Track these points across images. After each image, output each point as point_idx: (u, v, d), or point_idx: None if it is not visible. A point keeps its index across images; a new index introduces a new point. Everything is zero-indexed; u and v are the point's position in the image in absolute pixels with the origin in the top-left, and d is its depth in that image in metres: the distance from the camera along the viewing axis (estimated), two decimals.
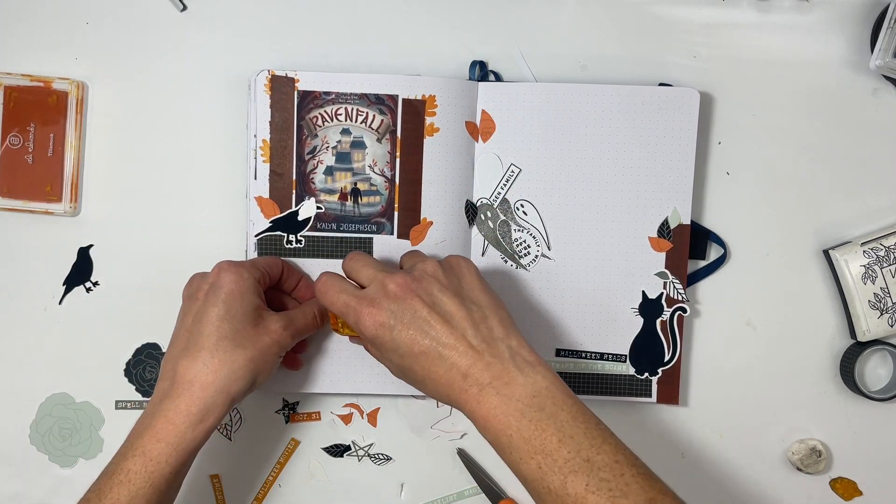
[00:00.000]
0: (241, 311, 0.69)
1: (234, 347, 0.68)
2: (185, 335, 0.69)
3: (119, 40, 0.81)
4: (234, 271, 0.70)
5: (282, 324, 0.71)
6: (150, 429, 0.66)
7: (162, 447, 0.65)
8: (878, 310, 0.79)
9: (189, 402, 0.66)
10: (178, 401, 0.66)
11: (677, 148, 0.79)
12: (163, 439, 0.65)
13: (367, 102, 0.78)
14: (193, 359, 0.67)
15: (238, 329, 0.68)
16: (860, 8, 0.81)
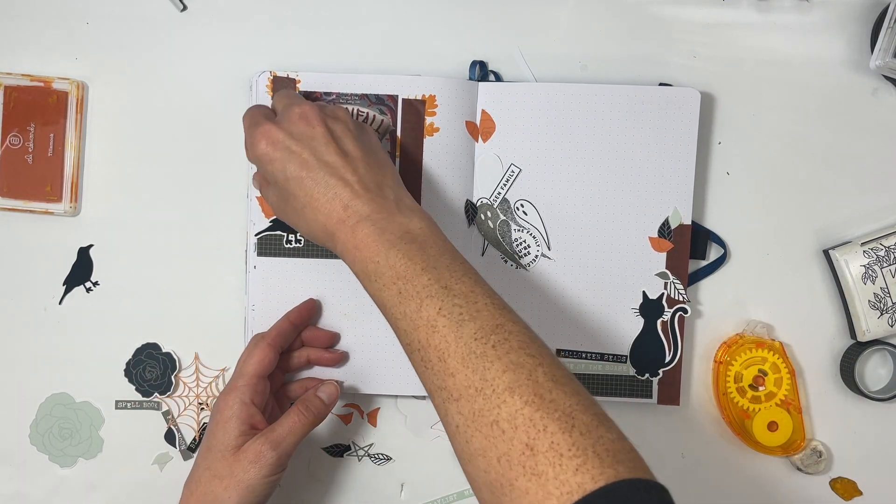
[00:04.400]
0: (223, 442, 0.70)
1: (211, 478, 0.70)
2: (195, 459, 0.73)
3: (119, 40, 0.81)
4: (223, 398, 0.72)
5: (259, 443, 0.70)
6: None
7: None
8: (878, 310, 0.79)
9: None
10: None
11: (677, 148, 0.79)
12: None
13: (367, 102, 0.78)
14: (189, 482, 0.71)
15: (216, 459, 0.70)
16: (860, 8, 0.81)
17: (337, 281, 0.78)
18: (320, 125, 0.68)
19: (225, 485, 0.69)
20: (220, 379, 0.82)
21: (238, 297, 0.81)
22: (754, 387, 0.80)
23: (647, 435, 0.83)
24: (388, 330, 0.78)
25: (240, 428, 0.70)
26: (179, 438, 0.83)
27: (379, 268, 0.63)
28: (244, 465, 0.69)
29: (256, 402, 0.72)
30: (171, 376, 0.82)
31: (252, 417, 0.71)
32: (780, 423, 0.80)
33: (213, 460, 0.70)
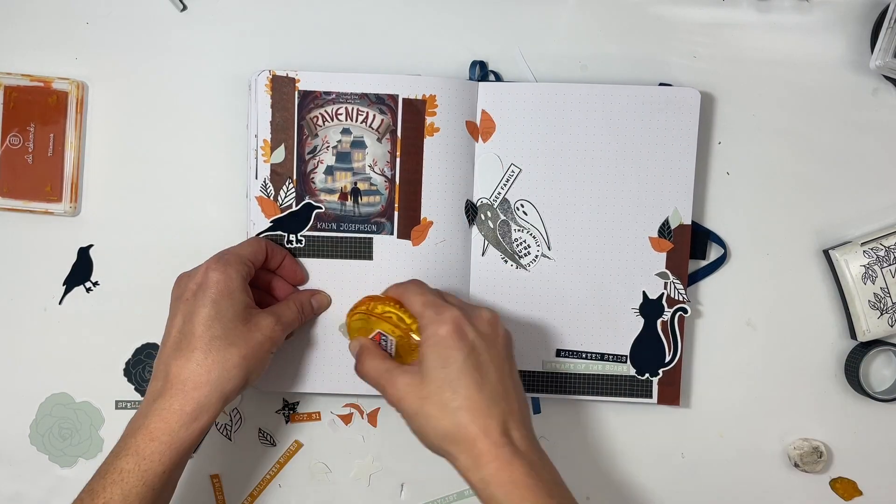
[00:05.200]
0: (232, 311, 0.69)
1: (226, 346, 0.68)
2: (177, 335, 0.69)
3: (119, 40, 0.81)
4: (222, 270, 0.70)
5: (272, 319, 0.71)
6: (144, 428, 0.66)
7: (155, 446, 0.65)
8: (878, 310, 0.79)
9: (183, 402, 0.66)
10: (171, 400, 0.66)
11: (678, 148, 0.79)
12: (156, 438, 0.65)
13: (367, 102, 0.78)
14: (187, 359, 0.67)
15: (229, 328, 0.68)
16: (860, 8, 0.81)
17: (337, 281, 0.78)
18: (503, 338, 0.69)
19: (243, 353, 0.68)
20: None
21: None
22: None
23: (647, 435, 0.83)
24: None
25: (245, 301, 0.70)
26: None
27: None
28: (259, 338, 0.70)
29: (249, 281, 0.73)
30: None
31: (249, 291, 0.72)
32: None
33: (223, 329, 0.68)
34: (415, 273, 0.78)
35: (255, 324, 0.70)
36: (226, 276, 0.70)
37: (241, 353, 0.68)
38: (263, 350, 0.70)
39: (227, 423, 0.83)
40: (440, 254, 0.78)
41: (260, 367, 0.71)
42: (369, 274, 0.78)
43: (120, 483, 0.64)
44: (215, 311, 0.68)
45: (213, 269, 0.70)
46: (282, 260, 0.77)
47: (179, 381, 0.67)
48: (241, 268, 0.71)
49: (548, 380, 0.80)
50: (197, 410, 0.66)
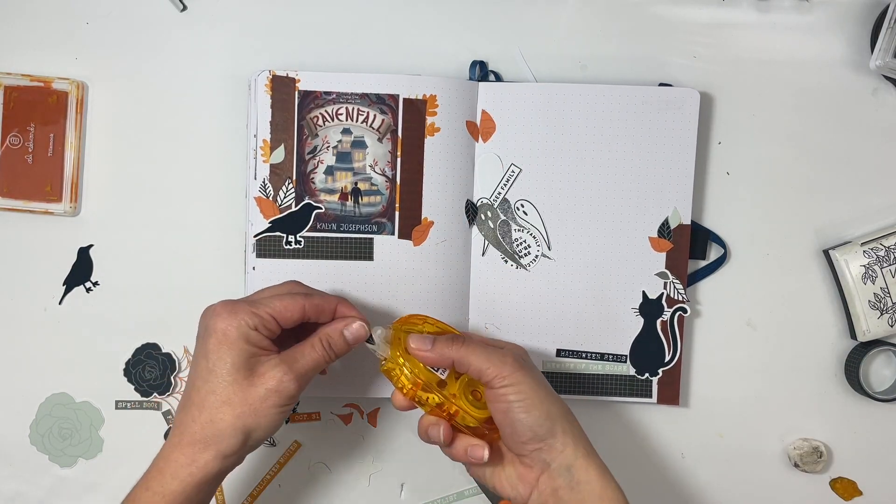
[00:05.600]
0: (229, 363, 0.65)
1: (220, 404, 0.65)
2: (186, 387, 0.67)
3: (119, 40, 0.81)
4: (226, 318, 0.65)
5: (281, 370, 0.66)
6: (144, 475, 0.66)
7: (149, 496, 0.65)
8: (878, 310, 0.79)
9: (179, 453, 0.65)
10: (170, 450, 0.66)
11: (677, 148, 0.79)
12: (150, 488, 0.65)
13: (367, 102, 0.78)
14: (186, 412, 0.66)
15: (225, 383, 0.65)
16: (860, 8, 0.81)
17: (338, 282, 0.78)
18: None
19: (238, 412, 0.64)
20: None
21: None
22: None
23: (647, 435, 0.83)
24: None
25: (247, 352, 0.65)
26: None
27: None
28: (262, 393, 0.65)
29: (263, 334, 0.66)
30: (171, 376, 0.82)
31: (262, 341, 0.66)
32: None
33: (219, 384, 0.64)
34: (415, 273, 0.78)
35: (259, 375, 0.65)
36: (226, 324, 0.65)
37: (236, 412, 0.64)
38: (267, 405, 0.65)
39: None
40: (441, 254, 0.78)
41: (264, 422, 0.66)
42: (370, 275, 0.78)
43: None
44: (211, 365, 0.65)
45: (218, 315, 0.66)
46: (333, 311, 0.71)
47: (178, 434, 0.66)
48: (249, 318, 0.66)
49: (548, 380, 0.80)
50: (191, 464, 0.65)
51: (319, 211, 0.78)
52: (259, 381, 0.65)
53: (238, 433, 0.65)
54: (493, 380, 0.66)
